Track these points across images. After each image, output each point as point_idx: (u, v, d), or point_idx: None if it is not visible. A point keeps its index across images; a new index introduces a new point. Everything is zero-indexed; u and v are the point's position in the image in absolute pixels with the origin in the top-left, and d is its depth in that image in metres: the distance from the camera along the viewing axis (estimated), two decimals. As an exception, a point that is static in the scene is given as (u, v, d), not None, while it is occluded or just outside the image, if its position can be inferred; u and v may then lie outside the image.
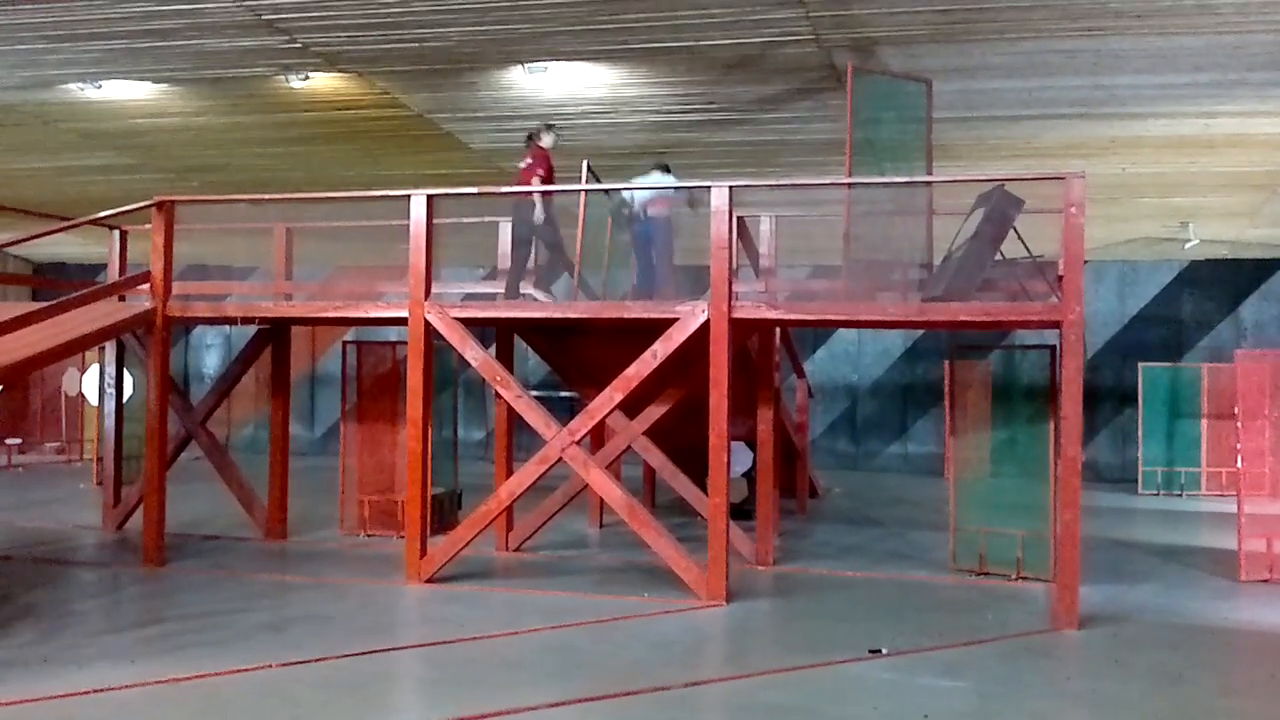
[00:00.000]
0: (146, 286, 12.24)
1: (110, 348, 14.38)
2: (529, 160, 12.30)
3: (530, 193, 12.07)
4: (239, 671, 7.95)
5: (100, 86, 12.77)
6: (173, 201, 12.27)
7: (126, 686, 7.55)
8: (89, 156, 16.31)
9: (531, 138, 12.42)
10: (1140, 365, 20.75)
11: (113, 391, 14.57)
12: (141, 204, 12.38)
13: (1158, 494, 19.87)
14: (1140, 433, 20.32)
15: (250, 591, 10.75)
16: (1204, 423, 19.96)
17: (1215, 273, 22.78)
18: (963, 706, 7.50)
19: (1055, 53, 10.97)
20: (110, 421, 14.61)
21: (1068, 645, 9.26)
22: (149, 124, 14.37)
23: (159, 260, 12.07)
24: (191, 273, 21.08)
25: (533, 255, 13.17)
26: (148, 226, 12.32)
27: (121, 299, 13.32)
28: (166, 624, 9.47)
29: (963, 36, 10.60)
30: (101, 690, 7.44)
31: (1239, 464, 12.26)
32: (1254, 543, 11.92)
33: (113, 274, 14.05)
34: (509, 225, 13.22)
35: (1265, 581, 11.75)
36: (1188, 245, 20.55)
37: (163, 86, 12.77)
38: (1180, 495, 19.79)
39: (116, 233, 14.24)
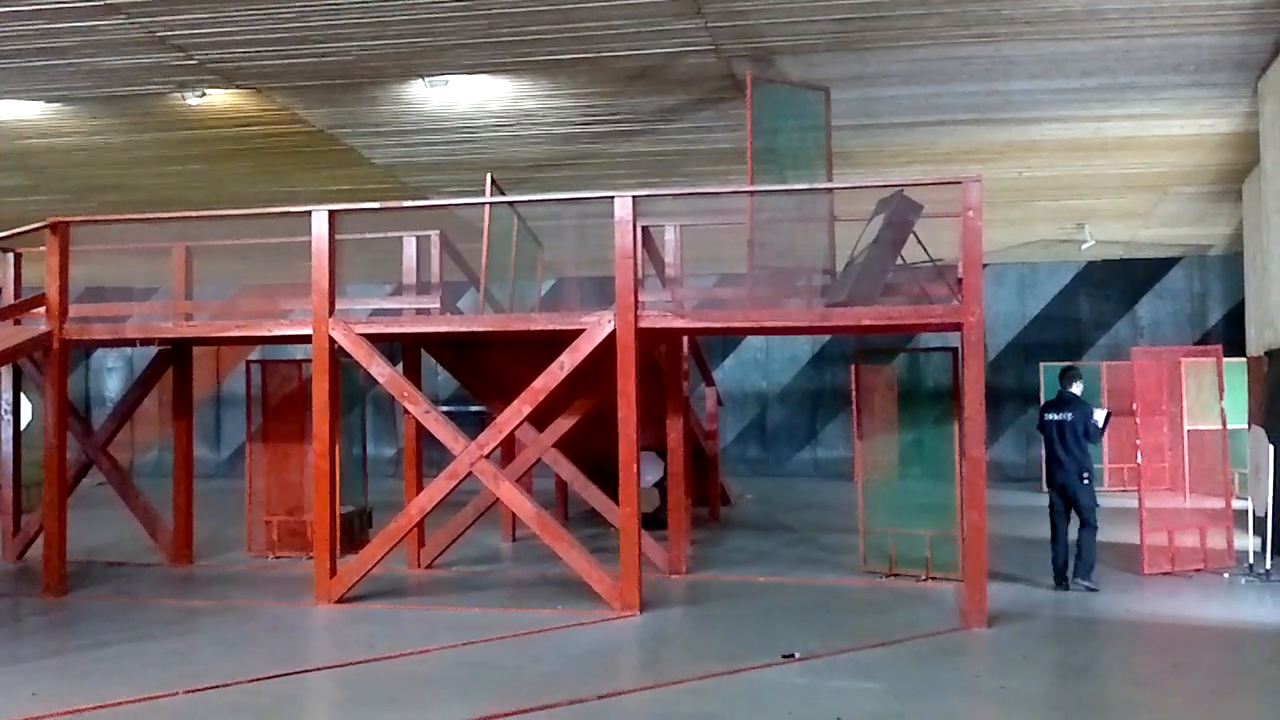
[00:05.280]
0: (42, 310, 12.00)
1: (6, 373, 14.04)
2: None
3: (431, 207, 11.98)
4: (145, 700, 7.79)
5: (-10, 106, 12.52)
6: (67, 222, 12.04)
7: None
8: (-20, 178, 15.97)
9: None
10: (1041, 365, 21.10)
11: (9, 418, 14.23)
12: (35, 225, 12.15)
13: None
14: (1043, 431, 20.65)
15: (155, 618, 10.56)
16: (1104, 420, 20.29)
17: (1112, 273, 23.29)
18: (876, 707, 7.56)
19: (950, 60, 11.16)
20: (8, 448, 14.27)
21: (978, 643, 9.38)
22: (43, 144, 14.10)
23: (54, 282, 11.83)
24: (90, 295, 20.64)
25: (437, 272, 13.17)
26: (42, 249, 12.08)
27: (17, 323, 13.01)
28: (68, 654, 9.26)
29: (860, 45, 10.74)
30: (2, 724, 7.27)
31: (1139, 460, 12.51)
32: (1156, 536, 12.16)
33: (7, 298, 13.71)
34: (413, 240, 13.17)
35: (1167, 574, 11.99)
36: (1084, 246, 20.98)
37: (56, 106, 12.53)
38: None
39: (10, 255, 13.92)
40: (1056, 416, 11.63)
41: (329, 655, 9.42)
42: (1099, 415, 11.76)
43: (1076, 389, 11.86)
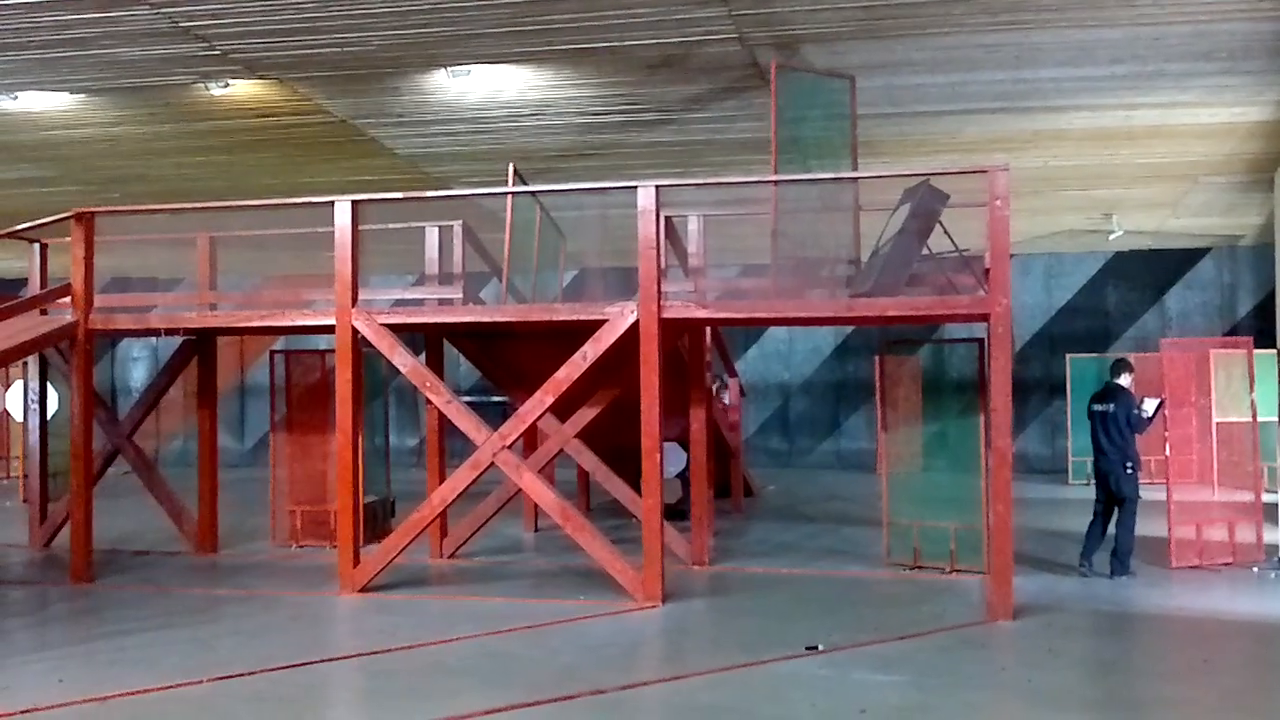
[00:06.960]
0: (68, 300, 12.05)
1: (33, 363, 14.12)
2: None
3: (453, 197, 11.97)
4: (169, 688, 7.81)
5: (15, 98, 12.51)
6: (92, 213, 12.09)
7: (54, 706, 7.39)
8: (6, 169, 16.00)
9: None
10: (1068, 356, 20.97)
11: (36, 407, 14.31)
12: (60, 216, 12.19)
13: (1088, 483, 19.92)
14: (1069, 423, 20.53)
15: (180, 606, 10.59)
16: (1132, 412, 20.14)
17: (1139, 263, 23.12)
18: (900, 700, 7.52)
19: (976, 47, 11.05)
20: (35, 437, 14.35)
21: (1003, 636, 9.33)
22: (66, 135, 14.11)
23: (80, 273, 11.88)
24: (115, 285, 20.73)
25: (460, 263, 13.14)
26: (68, 239, 12.12)
27: (43, 313, 13.07)
28: (94, 641, 9.30)
29: (885, 33, 10.64)
30: (28, 711, 7.28)
31: (1167, 452, 12.41)
32: (1183, 530, 12.06)
33: (33, 288, 13.77)
34: (435, 230, 13.16)
35: (1195, 568, 11.90)
36: (1112, 237, 20.83)
37: (80, 97, 12.54)
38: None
39: (36, 246, 13.97)
40: (1100, 407, 11.92)
41: (352, 644, 9.42)
42: (1150, 405, 11.98)
43: (1124, 380, 12.07)
